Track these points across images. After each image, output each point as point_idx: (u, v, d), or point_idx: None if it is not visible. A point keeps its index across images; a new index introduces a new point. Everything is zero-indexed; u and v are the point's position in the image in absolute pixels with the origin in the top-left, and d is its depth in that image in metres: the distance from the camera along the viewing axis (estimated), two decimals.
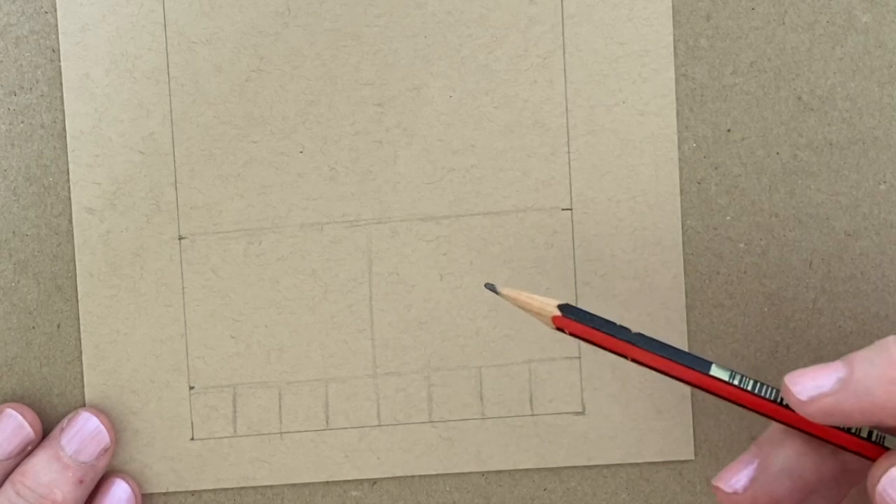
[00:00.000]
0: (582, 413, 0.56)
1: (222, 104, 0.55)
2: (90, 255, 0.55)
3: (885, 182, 0.55)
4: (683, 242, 0.55)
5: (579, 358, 0.55)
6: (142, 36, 0.55)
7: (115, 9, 0.55)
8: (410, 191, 0.55)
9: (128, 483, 0.55)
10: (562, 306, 0.48)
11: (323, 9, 0.55)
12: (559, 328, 0.48)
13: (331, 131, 0.55)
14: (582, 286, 0.55)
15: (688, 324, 0.55)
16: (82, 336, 0.56)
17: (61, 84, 0.55)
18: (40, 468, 0.54)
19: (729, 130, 0.55)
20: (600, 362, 0.55)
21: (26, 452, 0.55)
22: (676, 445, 0.56)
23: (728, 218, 0.55)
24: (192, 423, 0.56)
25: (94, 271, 0.55)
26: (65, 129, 0.55)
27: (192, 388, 0.56)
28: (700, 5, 0.55)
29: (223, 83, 0.55)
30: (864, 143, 0.55)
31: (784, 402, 0.46)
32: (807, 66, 0.55)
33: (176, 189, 0.55)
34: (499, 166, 0.55)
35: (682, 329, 0.55)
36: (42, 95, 0.55)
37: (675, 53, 0.55)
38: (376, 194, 0.55)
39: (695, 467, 0.56)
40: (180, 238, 0.55)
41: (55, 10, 0.55)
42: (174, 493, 0.56)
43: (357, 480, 0.56)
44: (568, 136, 0.55)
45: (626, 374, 0.55)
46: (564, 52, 0.55)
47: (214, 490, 0.56)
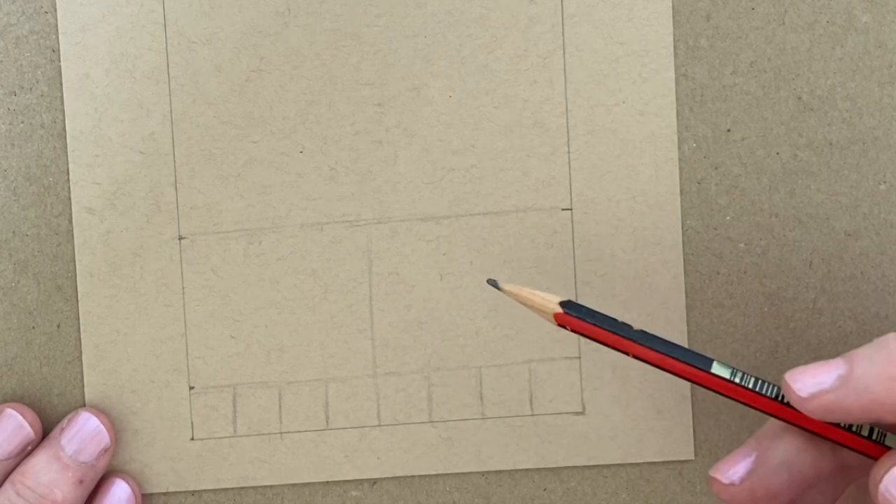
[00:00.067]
0: (582, 413, 0.56)
1: (222, 104, 0.55)
2: (90, 255, 0.55)
3: (885, 182, 0.55)
4: (683, 242, 0.55)
5: (579, 358, 0.55)
6: (142, 36, 0.55)
7: (115, 9, 0.55)
8: (410, 191, 0.55)
9: (128, 483, 0.55)
10: (564, 303, 0.48)
11: (323, 9, 0.55)
12: (561, 325, 0.48)
13: (331, 131, 0.55)
14: (582, 286, 0.55)
15: (688, 324, 0.55)
16: (82, 336, 0.56)
17: (61, 84, 0.55)
18: (40, 468, 0.54)
19: (729, 130, 0.55)
20: (600, 362, 0.55)
21: (26, 452, 0.54)
22: (676, 445, 0.56)
23: (728, 218, 0.55)
24: (192, 423, 0.56)
25: (94, 271, 0.55)
26: (65, 129, 0.55)
27: (192, 388, 0.56)
28: (700, 5, 0.55)
29: (223, 83, 0.55)
30: (864, 143, 0.55)
31: (785, 399, 0.46)
32: (807, 66, 0.55)
33: (176, 189, 0.55)
34: (499, 166, 0.55)
35: (682, 329, 0.55)
36: (42, 95, 0.55)
37: (675, 53, 0.55)
38: (376, 194, 0.55)
39: (695, 467, 0.56)
40: (180, 238, 0.55)
41: (55, 10, 0.55)
42: (174, 493, 0.56)
43: (357, 480, 0.56)
44: (568, 136, 0.55)
45: (626, 374, 0.55)
46: (564, 52, 0.55)
47: (214, 490, 0.56)
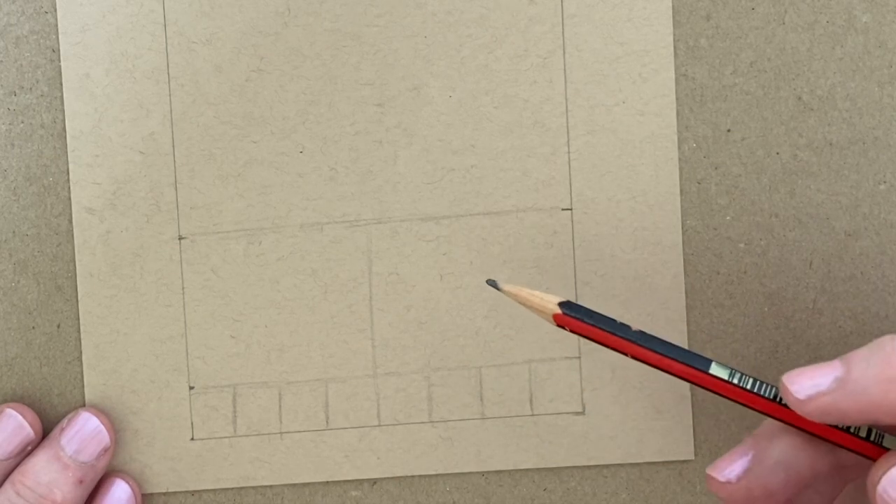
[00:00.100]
0: (582, 413, 0.56)
1: (222, 104, 0.55)
2: (90, 255, 0.55)
3: (885, 182, 0.55)
4: (683, 242, 0.55)
5: (579, 358, 0.55)
6: (142, 36, 0.55)
7: (115, 9, 0.55)
8: (410, 191, 0.55)
9: (128, 483, 0.55)
10: (563, 303, 0.48)
11: (323, 9, 0.55)
12: (560, 325, 0.48)
13: (331, 131, 0.55)
14: (582, 286, 0.55)
15: (688, 324, 0.55)
16: (82, 336, 0.56)
17: (61, 84, 0.55)
18: (40, 468, 0.54)
19: (729, 130, 0.55)
20: (600, 362, 0.55)
21: (26, 452, 0.55)
22: (676, 445, 0.56)
23: (728, 218, 0.55)
24: (192, 423, 0.56)
25: (94, 271, 0.55)
26: (65, 129, 0.55)
27: (192, 388, 0.56)
28: (700, 5, 0.55)
29: (223, 83, 0.55)
30: (864, 143, 0.55)
31: (783, 400, 0.46)
32: (807, 66, 0.55)
33: (176, 189, 0.55)
34: (499, 166, 0.55)
35: (682, 329, 0.55)
36: (42, 95, 0.55)
37: (675, 53, 0.55)
38: (376, 194, 0.55)
39: (695, 467, 0.56)
40: (180, 238, 0.55)
41: (55, 10, 0.55)
42: (174, 493, 0.56)
43: (357, 480, 0.56)
44: (568, 136, 0.55)
45: (626, 374, 0.55)
46: (564, 52, 0.55)
47: (214, 490, 0.56)
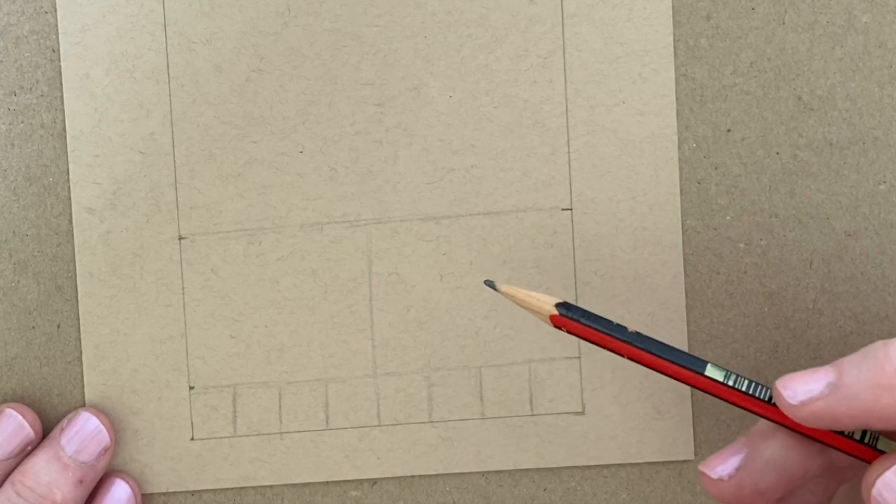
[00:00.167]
0: (582, 413, 0.56)
1: (222, 104, 0.55)
2: (90, 255, 0.55)
3: (885, 182, 0.55)
4: (683, 242, 0.55)
5: (579, 358, 0.55)
6: (142, 36, 0.55)
7: (115, 9, 0.55)
8: (410, 191, 0.55)
9: (128, 483, 0.55)
10: (560, 304, 0.48)
11: (323, 9, 0.55)
12: (557, 326, 0.48)
13: (331, 131, 0.55)
14: (582, 286, 0.55)
15: (688, 324, 0.55)
16: (82, 336, 0.56)
17: (61, 84, 0.55)
18: (40, 468, 0.54)
19: (729, 130, 0.55)
20: (600, 362, 0.55)
21: (26, 452, 0.55)
22: (676, 445, 0.56)
23: (728, 218, 0.55)
24: (192, 423, 0.56)
25: (94, 271, 0.55)
26: (65, 129, 0.55)
27: (192, 388, 0.56)
28: (700, 5, 0.55)
29: (223, 83, 0.55)
30: (864, 143, 0.55)
31: None
32: (807, 66, 0.55)
33: (176, 189, 0.55)
34: (499, 166, 0.55)
35: (682, 329, 0.55)
36: (42, 95, 0.55)
37: (675, 53, 0.55)
38: (376, 194, 0.55)
39: (695, 467, 0.56)
40: (180, 238, 0.55)
41: (55, 10, 0.55)
42: (174, 493, 0.56)
43: (357, 480, 0.56)
44: (568, 136, 0.55)
45: (626, 374, 0.55)
46: (564, 52, 0.55)
47: (214, 490, 0.56)
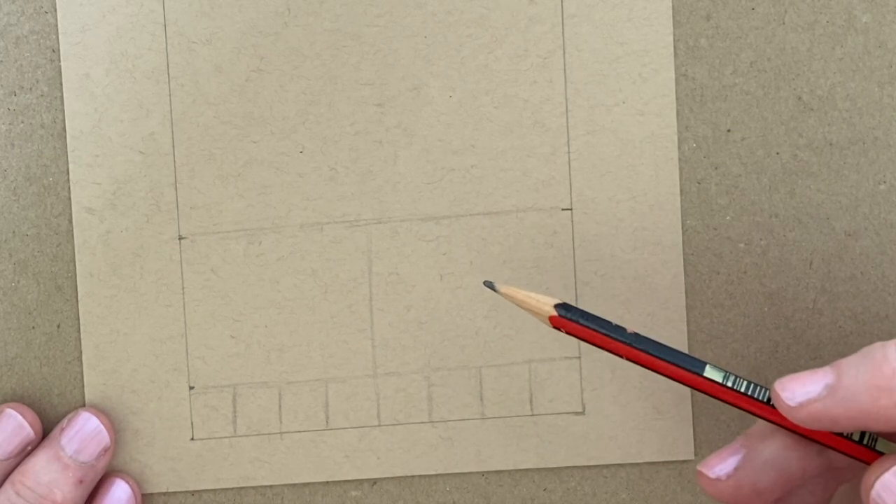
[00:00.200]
0: (582, 413, 0.56)
1: (222, 104, 0.55)
2: (90, 255, 0.55)
3: (885, 182, 0.55)
4: (683, 242, 0.55)
5: (579, 358, 0.55)
6: (142, 36, 0.55)
7: (115, 9, 0.55)
8: (410, 191, 0.55)
9: (128, 483, 0.56)
10: (559, 305, 0.48)
11: (323, 9, 0.55)
12: (556, 327, 0.48)
13: (331, 131, 0.55)
14: (582, 286, 0.55)
15: (688, 324, 0.55)
16: (82, 336, 0.56)
17: (61, 84, 0.55)
18: (40, 468, 0.54)
19: (729, 130, 0.55)
20: (600, 362, 0.55)
21: (26, 452, 0.55)
22: (676, 445, 0.56)
23: (728, 218, 0.55)
24: (192, 423, 0.56)
25: (94, 271, 0.55)
26: (65, 129, 0.55)
27: (192, 388, 0.56)
28: (700, 5, 0.55)
29: (223, 83, 0.55)
30: (864, 143, 0.55)
31: None
32: (807, 66, 0.55)
33: (176, 189, 0.55)
34: (499, 166, 0.55)
35: (682, 329, 0.55)
36: (42, 95, 0.55)
37: (675, 53, 0.55)
38: (376, 194, 0.55)
39: (695, 467, 0.56)
40: (180, 238, 0.55)
41: (55, 10, 0.55)
42: (174, 493, 0.56)
43: (357, 480, 0.56)
44: (568, 136, 0.55)
45: (626, 374, 0.55)
46: (564, 52, 0.55)
47: (214, 490, 0.56)
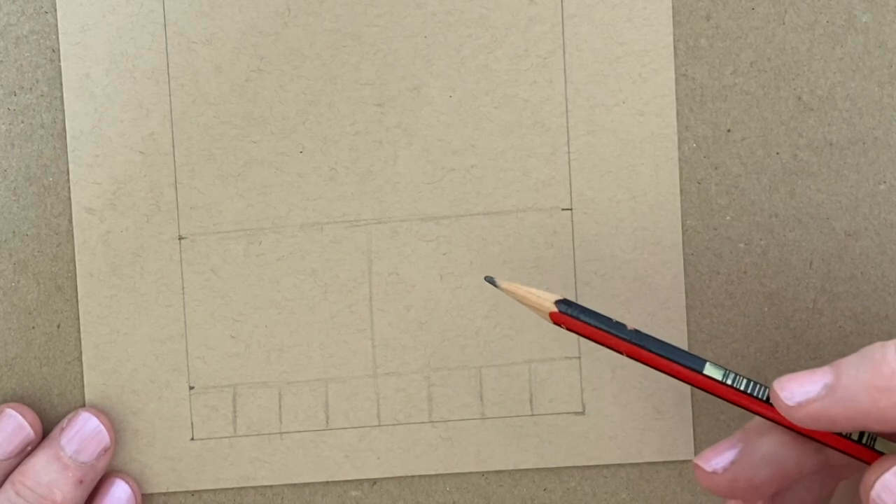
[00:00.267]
0: (582, 413, 0.56)
1: (222, 104, 0.55)
2: (90, 255, 0.55)
3: (885, 182, 0.55)
4: (683, 242, 0.55)
5: (579, 358, 0.55)
6: (142, 36, 0.55)
7: (115, 9, 0.55)
8: (410, 191, 0.55)
9: (128, 483, 0.55)
10: (559, 301, 0.48)
11: (323, 9, 0.55)
12: (557, 323, 0.48)
13: (331, 131, 0.55)
14: (582, 286, 0.55)
15: (688, 324, 0.55)
16: (82, 336, 0.56)
17: (61, 84, 0.55)
18: (40, 468, 0.54)
19: (729, 130, 0.55)
20: (600, 362, 0.55)
21: (26, 452, 0.55)
22: (676, 445, 0.56)
23: (728, 218, 0.55)
24: (192, 423, 0.56)
25: (94, 271, 0.55)
26: (65, 129, 0.55)
27: (192, 388, 0.56)
28: (700, 5, 0.55)
29: (223, 83, 0.55)
30: (864, 143, 0.55)
31: None
32: (807, 66, 0.55)
33: (176, 189, 0.55)
34: (499, 166, 0.55)
35: (682, 329, 0.55)
36: (42, 95, 0.55)
37: (675, 53, 0.55)
38: (376, 194, 0.55)
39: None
40: (180, 238, 0.55)
41: (55, 10, 0.55)
42: (174, 493, 0.56)
43: (357, 480, 0.56)
44: (568, 136, 0.55)
45: (626, 374, 0.55)
46: (564, 52, 0.55)
47: (214, 490, 0.56)
